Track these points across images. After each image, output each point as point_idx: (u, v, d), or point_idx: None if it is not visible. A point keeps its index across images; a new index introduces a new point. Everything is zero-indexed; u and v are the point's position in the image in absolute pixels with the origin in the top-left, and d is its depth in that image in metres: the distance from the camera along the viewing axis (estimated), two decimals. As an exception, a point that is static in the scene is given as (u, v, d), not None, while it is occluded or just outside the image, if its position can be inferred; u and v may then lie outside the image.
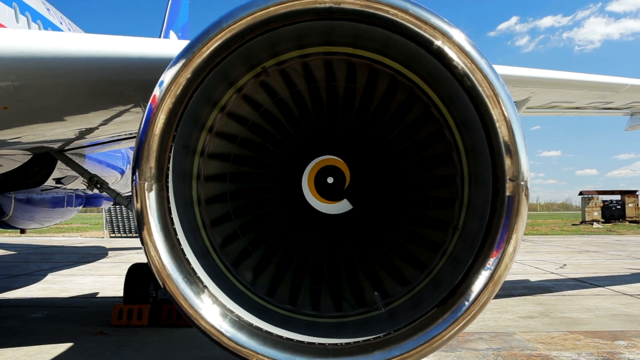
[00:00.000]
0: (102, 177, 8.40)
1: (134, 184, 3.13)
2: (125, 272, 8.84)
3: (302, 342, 3.12)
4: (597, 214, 46.94)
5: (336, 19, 3.07)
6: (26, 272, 15.06)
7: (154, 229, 3.11)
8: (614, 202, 48.91)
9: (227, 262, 3.66)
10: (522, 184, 2.98)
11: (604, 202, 48.86)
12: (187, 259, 3.18)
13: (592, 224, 44.11)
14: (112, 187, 8.37)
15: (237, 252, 3.74)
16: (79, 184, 9.37)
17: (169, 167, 3.18)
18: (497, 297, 3.25)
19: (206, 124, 3.63)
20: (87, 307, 9.81)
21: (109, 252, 22.08)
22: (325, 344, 3.11)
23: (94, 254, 21.18)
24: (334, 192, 3.77)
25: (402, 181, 3.83)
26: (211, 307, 3.14)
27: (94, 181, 8.04)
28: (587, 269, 15.12)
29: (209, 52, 3.07)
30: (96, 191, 8.42)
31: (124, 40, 4.77)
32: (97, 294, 11.33)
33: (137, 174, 3.11)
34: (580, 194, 51.54)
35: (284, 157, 3.87)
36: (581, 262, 17.31)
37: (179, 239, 3.19)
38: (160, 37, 20.05)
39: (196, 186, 3.68)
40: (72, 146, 7.80)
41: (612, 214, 47.82)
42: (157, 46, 4.81)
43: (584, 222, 46.70)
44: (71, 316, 8.81)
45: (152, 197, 3.13)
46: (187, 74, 3.08)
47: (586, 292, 11.12)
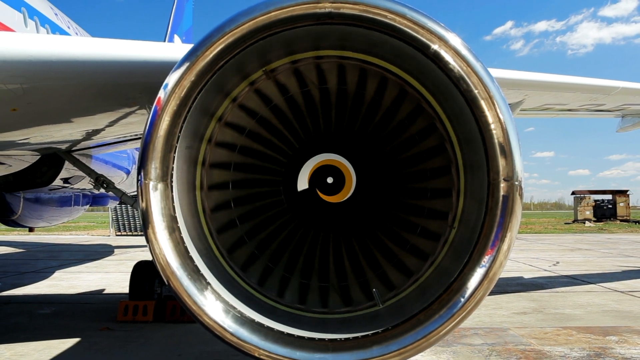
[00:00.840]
0: (109, 177, 8.41)
1: (139, 184, 3.13)
2: (130, 270, 8.85)
3: (303, 337, 3.13)
4: (589, 213, 46.92)
5: (336, 23, 3.07)
6: (34, 269, 15.06)
7: (158, 228, 3.11)
8: (606, 201, 48.92)
9: (227, 258, 3.66)
10: (517, 183, 2.98)
11: (595, 201, 48.87)
12: (190, 257, 3.18)
13: (584, 223, 44.09)
14: (118, 187, 8.38)
15: (232, 241, 3.72)
16: (86, 184, 9.38)
17: (173, 167, 3.18)
18: (492, 293, 3.25)
19: (209, 125, 3.62)
20: (93, 304, 9.82)
21: (115, 250, 22.08)
22: (325, 339, 3.11)
23: (101, 252, 21.19)
24: (334, 188, 3.76)
25: (400, 193, 3.81)
26: (214, 303, 3.14)
27: (100, 181, 8.04)
28: (580, 267, 15.13)
29: (212, 55, 3.07)
30: (102, 191, 8.43)
31: (129, 44, 4.77)
32: (103, 290, 11.33)
33: (142, 174, 3.11)
34: (572, 193, 51.54)
35: (285, 157, 3.86)
36: (574, 259, 17.32)
37: (182, 237, 3.19)
38: (164, 41, 20.04)
39: (200, 180, 3.66)
40: (79, 147, 7.80)
41: (604, 213, 47.83)
42: (161, 50, 4.82)
43: (576, 221, 46.69)
44: (78, 312, 8.82)
45: (156, 197, 3.13)
46: (191, 77, 3.08)
47: (578, 288, 11.13)
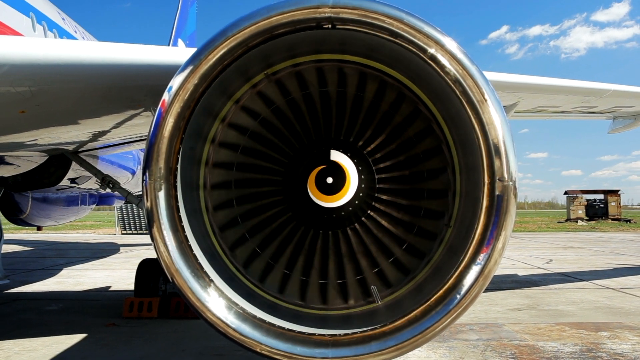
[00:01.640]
0: (114, 177, 8.41)
1: (144, 184, 3.13)
2: (136, 267, 8.86)
3: (303, 333, 3.12)
4: (581, 212, 46.96)
5: (335, 28, 3.07)
6: (42, 267, 15.06)
7: (163, 226, 3.11)
8: (598, 201, 48.94)
9: (230, 256, 3.65)
10: (511, 184, 2.98)
11: (588, 201, 48.90)
12: (194, 255, 3.18)
13: (577, 222, 44.11)
14: (123, 187, 8.37)
15: (235, 239, 3.71)
16: (93, 184, 9.39)
17: (177, 168, 3.18)
18: (487, 290, 3.25)
19: (212, 127, 3.62)
20: (99, 300, 9.82)
21: (121, 248, 22.08)
22: (325, 335, 3.11)
23: (107, 250, 21.19)
24: (334, 188, 3.76)
25: (397, 183, 3.81)
26: (217, 299, 3.14)
27: (106, 181, 8.05)
28: (572, 264, 15.13)
29: (215, 59, 3.08)
30: (109, 190, 8.44)
31: (134, 48, 4.77)
32: (109, 287, 11.33)
33: (147, 174, 3.12)
34: (565, 193, 51.55)
35: (286, 158, 3.85)
36: (566, 257, 17.32)
37: (186, 236, 3.19)
38: (169, 45, 20.05)
39: (203, 180, 3.65)
40: (85, 148, 7.80)
41: (596, 212, 47.85)
42: (166, 53, 4.82)
43: (569, 219, 46.70)
44: (85, 308, 8.82)
45: (161, 196, 3.13)
46: (195, 80, 3.09)
47: (571, 285, 11.13)
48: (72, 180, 8.93)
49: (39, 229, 15.66)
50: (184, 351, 6.08)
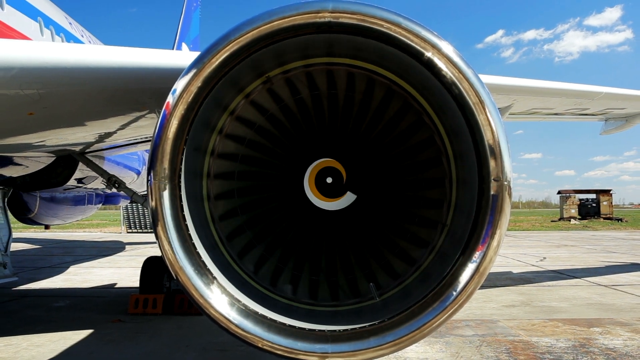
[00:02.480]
0: (120, 177, 8.41)
1: (149, 184, 3.13)
2: (141, 265, 8.85)
3: (304, 328, 3.12)
4: (574, 212, 46.95)
5: (335, 32, 3.07)
6: (50, 265, 15.06)
7: (167, 225, 3.11)
8: (590, 200, 48.91)
9: (232, 254, 3.66)
10: (506, 183, 2.98)
11: (580, 200, 48.88)
12: (197, 253, 3.18)
13: (570, 221, 44.10)
14: (129, 187, 8.37)
15: (242, 244, 3.73)
16: (99, 184, 9.38)
17: (181, 168, 3.18)
18: (482, 287, 3.26)
19: (216, 127, 3.63)
20: (106, 297, 9.82)
21: (126, 246, 22.08)
22: (324, 330, 3.11)
23: (113, 248, 21.18)
24: (333, 190, 3.77)
25: (396, 182, 3.82)
26: (220, 296, 3.14)
27: (112, 181, 8.04)
28: (565, 262, 15.12)
29: (218, 62, 3.07)
30: (114, 190, 8.43)
31: (139, 51, 4.77)
32: (115, 284, 11.33)
33: (152, 174, 3.12)
34: (558, 193, 51.55)
35: (287, 158, 3.87)
36: (559, 255, 17.32)
37: (190, 234, 3.19)
38: (173, 48, 20.04)
39: (206, 184, 3.68)
40: (92, 149, 7.81)
41: (588, 212, 47.82)
42: (170, 57, 4.82)
43: (562, 218, 46.69)
44: (91, 305, 8.82)
45: (165, 196, 3.13)
46: (198, 83, 3.09)
47: (564, 283, 11.12)
48: (79, 180, 8.93)
49: (47, 227, 15.67)
50: (188, 347, 6.08)
